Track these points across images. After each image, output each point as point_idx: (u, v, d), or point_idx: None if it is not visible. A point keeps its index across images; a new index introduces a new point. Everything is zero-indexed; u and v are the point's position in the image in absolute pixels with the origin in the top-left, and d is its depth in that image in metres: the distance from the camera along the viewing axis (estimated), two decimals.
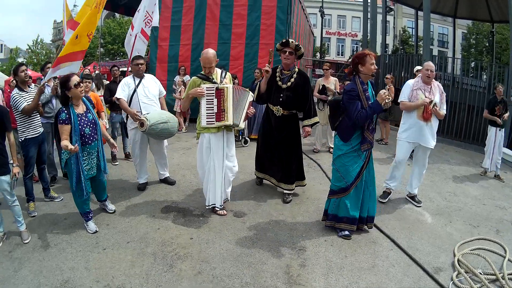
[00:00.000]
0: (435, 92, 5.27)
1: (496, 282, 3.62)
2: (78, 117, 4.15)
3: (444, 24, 36.67)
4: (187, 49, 11.05)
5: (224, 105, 4.53)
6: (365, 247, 4.21)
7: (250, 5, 10.54)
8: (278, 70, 5.22)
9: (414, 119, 5.25)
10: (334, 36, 43.88)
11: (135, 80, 5.54)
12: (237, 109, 4.63)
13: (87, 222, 4.42)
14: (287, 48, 5.02)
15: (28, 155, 4.90)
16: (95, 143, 4.34)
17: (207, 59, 4.64)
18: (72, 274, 3.54)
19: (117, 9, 15.21)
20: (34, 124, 4.96)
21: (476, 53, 31.78)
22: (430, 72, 5.18)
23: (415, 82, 5.34)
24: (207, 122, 4.58)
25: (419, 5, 16.00)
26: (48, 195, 5.31)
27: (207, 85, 4.60)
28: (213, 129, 4.63)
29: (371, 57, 4.07)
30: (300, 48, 5.06)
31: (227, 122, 4.53)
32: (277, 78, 5.18)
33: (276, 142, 5.36)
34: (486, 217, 5.29)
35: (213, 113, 4.56)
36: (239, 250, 4.04)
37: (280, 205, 5.28)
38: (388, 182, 5.62)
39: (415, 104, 5.18)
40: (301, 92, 5.16)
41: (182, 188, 5.82)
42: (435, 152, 8.88)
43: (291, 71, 5.17)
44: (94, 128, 4.32)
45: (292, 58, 5.09)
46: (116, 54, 37.29)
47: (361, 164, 4.22)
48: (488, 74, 12.17)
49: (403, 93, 5.39)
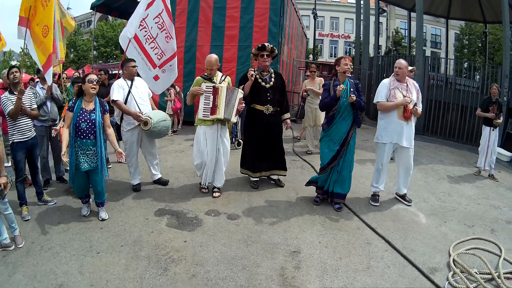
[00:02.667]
0: (412, 90, 5.28)
1: (492, 281, 3.63)
2: (80, 110, 4.44)
3: (437, 25, 36.91)
4: (180, 51, 10.95)
5: (218, 101, 5.22)
6: (359, 248, 4.20)
7: (243, 7, 10.52)
8: (257, 72, 5.62)
9: (395, 119, 5.24)
10: (327, 37, 44.07)
11: (127, 82, 5.61)
12: (228, 106, 5.26)
13: (83, 205, 4.91)
14: (265, 52, 5.54)
15: (16, 159, 4.85)
16: (91, 141, 4.45)
17: (209, 63, 5.30)
18: (66, 278, 3.51)
19: (110, 12, 15.17)
20: (22, 128, 4.86)
21: (469, 54, 31.96)
22: (397, 69, 5.27)
23: (391, 82, 5.32)
24: (203, 115, 5.29)
25: (411, 6, 16.09)
26: (42, 199, 5.23)
27: (207, 84, 5.29)
28: (208, 122, 5.34)
29: (344, 59, 5.09)
30: (275, 50, 5.59)
31: (218, 116, 5.23)
32: (259, 80, 5.60)
33: (270, 138, 5.79)
34: (481, 216, 5.30)
35: (209, 108, 5.27)
36: (233, 253, 4.02)
37: (274, 207, 5.27)
38: (377, 185, 5.59)
39: (394, 103, 5.17)
40: (281, 89, 5.79)
41: (175, 191, 5.79)
42: (429, 153, 8.95)
43: (269, 72, 5.70)
44: (91, 127, 4.45)
45: (270, 60, 5.62)
46: (109, 56, 37.21)
47: (335, 149, 5.07)
48: (481, 75, 12.24)
49: (379, 93, 5.35)
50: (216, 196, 5.54)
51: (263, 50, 5.51)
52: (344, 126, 5.01)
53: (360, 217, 5.00)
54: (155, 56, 6.42)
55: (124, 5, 13.46)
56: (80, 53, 38.31)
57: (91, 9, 13.62)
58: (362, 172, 6.93)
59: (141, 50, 6.31)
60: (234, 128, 8.58)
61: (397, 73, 5.26)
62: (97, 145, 4.48)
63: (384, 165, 5.47)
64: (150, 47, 6.32)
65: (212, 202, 5.37)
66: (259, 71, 5.64)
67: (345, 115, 5.00)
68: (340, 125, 5.03)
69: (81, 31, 43.32)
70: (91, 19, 46.83)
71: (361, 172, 6.87)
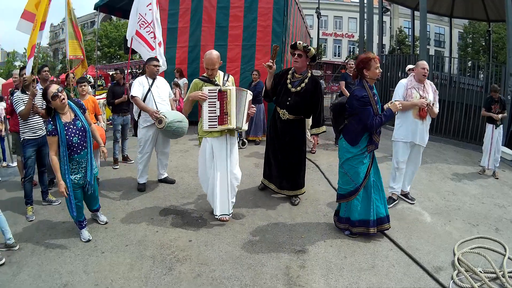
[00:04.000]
0: (428, 90, 5.28)
1: (496, 280, 3.62)
2: (65, 126, 3.97)
3: (440, 24, 36.73)
4: (183, 51, 11.02)
5: (227, 108, 4.37)
6: (364, 247, 4.20)
7: (247, 6, 10.50)
8: (290, 73, 5.13)
9: (411, 118, 5.23)
10: (331, 37, 44.00)
11: (148, 80, 5.66)
12: (239, 112, 4.46)
13: (81, 231, 4.26)
14: (296, 51, 4.95)
15: (26, 155, 4.90)
16: (85, 151, 4.11)
17: (210, 60, 4.41)
18: (71, 278, 3.52)
19: (114, 12, 15.17)
20: (34, 126, 4.94)
21: (473, 53, 31.84)
22: (426, 71, 5.18)
23: (408, 81, 5.32)
24: (210, 126, 4.41)
25: (415, 5, 16.05)
26: (46, 199, 5.27)
27: (209, 87, 4.43)
28: (216, 133, 4.48)
29: (376, 61, 4.09)
30: (310, 50, 4.93)
31: (230, 126, 4.37)
32: (288, 81, 5.09)
33: (280, 146, 5.29)
34: (485, 215, 5.28)
35: (216, 116, 4.39)
36: (238, 252, 4.02)
37: (279, 206, 5.27)
38: (393, 185, 5.49)
39: (411, 103, 5.15)
40: (310, 98, 5.05)
41: (180, 191, 5.81)
42: (433, 152, 8.93)
43: (302, 75, 5.06)
44: (83, 136, 4.09)
45: (302, 61, 4.98)
46: (113, 57, 37.28)
47: (367, 164, 4.25)
48: (485, 73, 12.20)
49: (397, 93, 5.35)
50: (226, 220, 4.76)
51: (294, 48, 4.96)
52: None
53: None
54: (151, 40, 7.02)
55: (127, 5, 13.39)
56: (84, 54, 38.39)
57: (94, 10, 13.62)
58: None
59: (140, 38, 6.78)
60: None
61: (424, 74, 5.19)
62: (88, 150, 4.15)
63: (401, 164, 5.37)
64: (145, 31, 7.00)
65: None
66: (292, 72, 5.13)
67: None
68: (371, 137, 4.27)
69: (85, 32, 43.47)
70: (94, 19, 47.04)
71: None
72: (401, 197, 5.65)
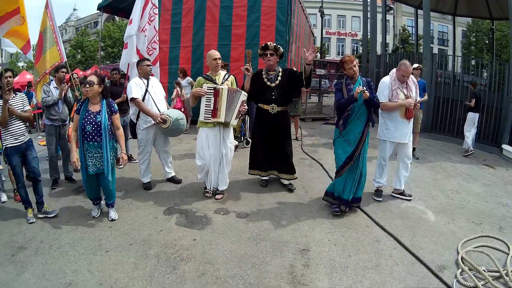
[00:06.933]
0: (411, 87, 5.34)
1: (500, 279, 3.61)
2: (86, 113, 4.43)
3: (444, 22, 36.63)
4: (187, 51, 11.05)
5: (219, 104, 5.10)
6: (368, 246, 4.20)
7: (250, 6, 10.52)
8: (263, 72, 5.60)
9: (398, 118, 5.32)
10: (334, 36, 43.99)
11: (143, 81, 5.68)
12: (230, 109, 5.14)
13: (93, 207, 4.93)
14: (268, 51, 5.44)
15: (12, 164, 4.70)
16: (98, 144, 4.42)
17: (212, 57, 5.22)
18: (75, 277, 3.54)
19: (117, 13, 15.20)
20: (15, 132, 4.64)
21: (477, 51, 31.72)
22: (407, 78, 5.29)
23: (392, 81, 5.33)
24: (204, 118, 5.18)
25: (418, 3, 15.99)
26: (42, 210, 4.88)
27: (208, 85, 5.14)
28: (210, 124, 5.23)
29: (348, 63, 4.84)
30: (279, 48, 5.46)
31: (219, 120, 5.12)
32: (265, 80, 5.54)
33: (276, 138, 5.70)
34: (489, 214, 5.27)
35: (210, 110, 5.14)
36: (242, 251, 4.04)
37: (283, 205, 5.28)
38: (379, 180, 5.69)
39: (399, 104, 5.20)
40: (289, 85, 5.55)
41: (184, 190, 5.82)
42: (437, 150, 8.93)
43: (275, 71, 5.56)
44: (97, 129, 4.40)
45: (274, 59, 5.47)
46: (116, 57, 37.31)
47: (350, 150, 4.88)
48: (488, 72, 12.15)
49: (382, 94, 5.35)
50: (219, 198, 5.45)
51: (266, 49, 5.43)
52: (359, 125, 4.88)
53: (368, 215, 4.99)
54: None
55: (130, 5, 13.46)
56: (87, 54, 38.56)
57: (98, 10, 13.68)
58: (371, 169, 6.90)
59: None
60: (243, 126, 8.57)
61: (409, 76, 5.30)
62: (103, 148, 4.42)
63: (385, 160, 5.58)
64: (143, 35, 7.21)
65: (221, 201, 5.40)
66: (265, 70, 5.58)
67: (359, 114, 4.88)
68: (354, 125, 4.89)
69: (88, 32, 43.64)
70: (98, 19, 47.25)
71: (369, 170, 6.83)
72: (398, 196, 5.67)
